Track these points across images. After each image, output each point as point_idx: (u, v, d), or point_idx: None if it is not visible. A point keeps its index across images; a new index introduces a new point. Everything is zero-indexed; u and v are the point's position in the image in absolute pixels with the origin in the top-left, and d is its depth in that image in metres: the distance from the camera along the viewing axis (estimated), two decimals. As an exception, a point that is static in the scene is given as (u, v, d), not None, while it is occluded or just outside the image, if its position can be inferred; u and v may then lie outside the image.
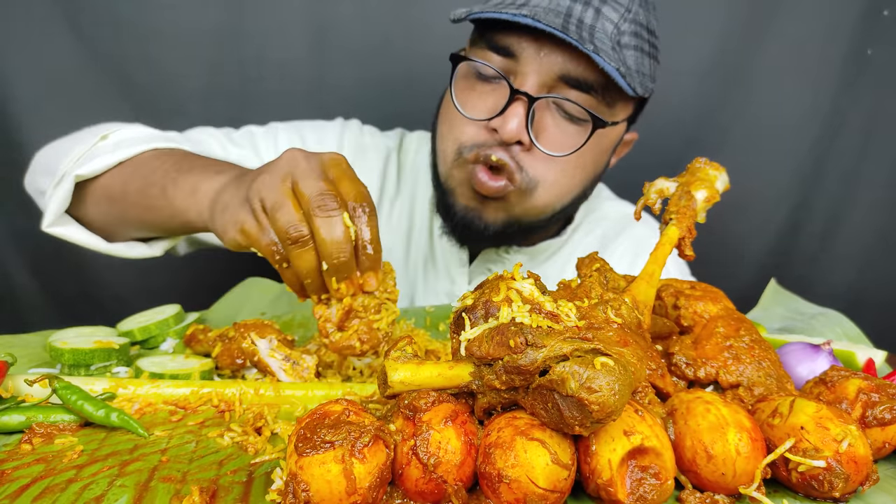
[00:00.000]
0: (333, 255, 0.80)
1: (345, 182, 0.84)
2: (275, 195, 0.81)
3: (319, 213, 0.79)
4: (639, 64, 1.14)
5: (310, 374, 0.93)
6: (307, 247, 0.81)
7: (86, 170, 1.08)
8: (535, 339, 0.59)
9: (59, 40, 1.70)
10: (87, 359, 0.91)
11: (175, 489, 0.63)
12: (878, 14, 1.84)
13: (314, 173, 0.82)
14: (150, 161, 1.08)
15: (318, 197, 0.79)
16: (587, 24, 1.08)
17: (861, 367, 0.94)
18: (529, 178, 1.17)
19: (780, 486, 0.66)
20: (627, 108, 1.21)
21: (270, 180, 0.83)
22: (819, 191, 1.97)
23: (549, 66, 1.09)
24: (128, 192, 1.08)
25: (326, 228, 0.79)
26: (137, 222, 1.11)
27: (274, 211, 0.81)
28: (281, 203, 0.81)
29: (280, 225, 0.80)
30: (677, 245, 0.83)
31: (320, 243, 0.80)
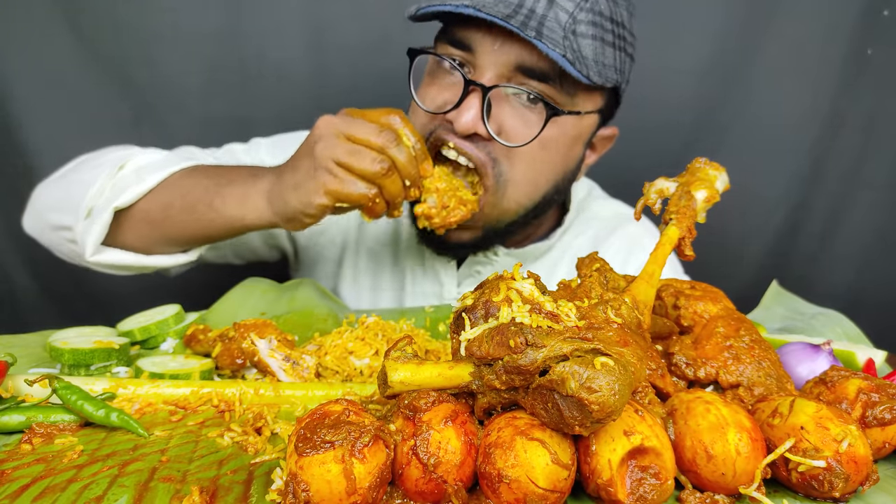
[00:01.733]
0: (412, 172, 1.00)
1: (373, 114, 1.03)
2: (342, 148, 0.97)
3: (390, 144, 0.98)
4: (598, 53, 1.11)
5: (310, 374, 0.93)
6: (394, 173, 0.98)
7: (122, 201, 1.15)
8: (535, 339, 0.59)
9: (59, 41, 1.70)
10: (87, 359, 0.91)
11: (175, 489, 0.63)
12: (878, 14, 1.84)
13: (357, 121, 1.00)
14: (183, 181, 1.17)
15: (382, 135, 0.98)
16: (538, 13, 1.07)
17: (861, 367, 0.94)
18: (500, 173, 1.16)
19: (780, 486, 0.66)
20: (594, 99, 1.19)
21: (327, 143, 0.99)
22: (819, 191, 1.97)
23: (504, 58, 1.10)
24: (170, 213, 1.16)
25: (401, 154, 0.98)
26: (182, 238, 1.20)
27: (354, 159, 0.97)
28: (354, 150, 0.97)
29: (367, 166, 0.96)
30: (677, 245, 0.83)
31: (401, 166, 0.99)
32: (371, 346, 1.00)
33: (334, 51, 1.82)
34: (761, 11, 1.83)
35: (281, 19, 1.77)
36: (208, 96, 1.79)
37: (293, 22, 1.78)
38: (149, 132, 1.79)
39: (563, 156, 1.21)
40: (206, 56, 1.77)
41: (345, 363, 0.97)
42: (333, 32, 1.80)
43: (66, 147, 1.76)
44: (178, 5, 1.72)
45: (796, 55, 1.85)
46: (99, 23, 1.71)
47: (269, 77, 1.81)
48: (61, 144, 1.76)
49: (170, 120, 1.79)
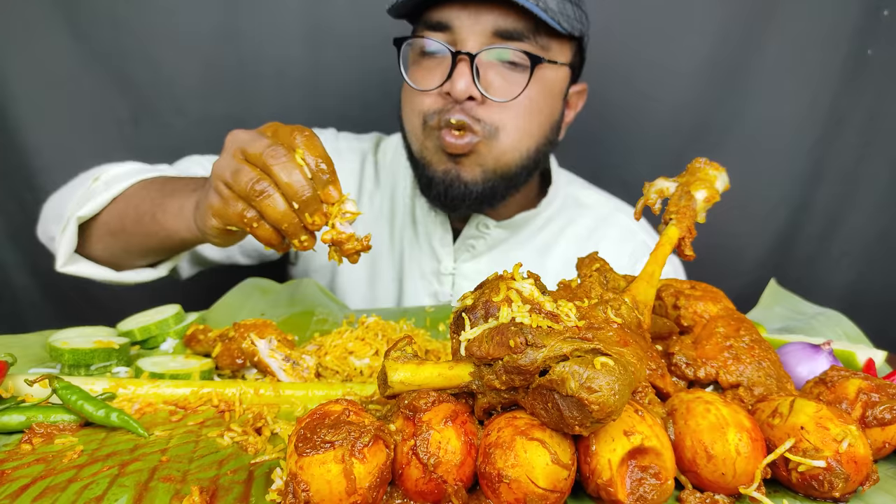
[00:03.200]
0: (299, 193, 0.87)
1: (281, 131, 0.92)
2: (230, 166, 0.89)
3: (273, 161, 0.86)
4: (561, 7, 1.23)
5: (310, 374, 0.93)
6: (273, 194, 0.87)
7: (84, 211, 1.18)
8: (535, 339, 0.59)
9: (58, 40, 1.70)
10: (87, 359, 0.91)
11: (175, 489, 0.63)
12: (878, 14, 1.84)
13: (254, 136, 0.91)
14: (138, 192, 1.18)
15: (267, 150, 0.87)
16: None
17: (861, 367, 0.94)
18: (489, 126, 1.25)
19: (780, 486, 0.66)
20: (564, 51, 1.31)
21: (222, 160, 0.92)
22: (819, 191, 1.97)
23: (482, 26, 1.21)
24: (125, 224, 1.17)
25: (285, 172, 0.86)
26: (141, 250, 1.21)
27: (234, 178, 0.88)
28: (237, 169, 0.89)
29: (242, 186, 0.87)
30: (677, 245, 0.83)
31: (285, 187, 0.86)
32: (371, 346, 1.01)
33: (333, 50, 1.82)
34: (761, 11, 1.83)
35: (280, 19, 1.78)
36: (208, 96, 1.79)
37: (292, 21, 1.78)
38: (148, 132, 1.79)
39: (549, 107, 1.33)
40: (205, 55, 1.77)
41: (345, 363, 0.97)
42: (332, 32, 1.80)
43: (66, 147, 1.76)
44: (177, 5, 1.73)
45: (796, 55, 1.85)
46: (98, 23, 1.71)
47: (268, 76, 1.81)
48: (61, 144, 1.76)
49: (169, 120, 1.79)
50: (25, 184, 1.77)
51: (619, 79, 1.87)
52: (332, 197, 0.89)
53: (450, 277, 1.47)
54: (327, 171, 0.89)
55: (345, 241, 0.88)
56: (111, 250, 1.22)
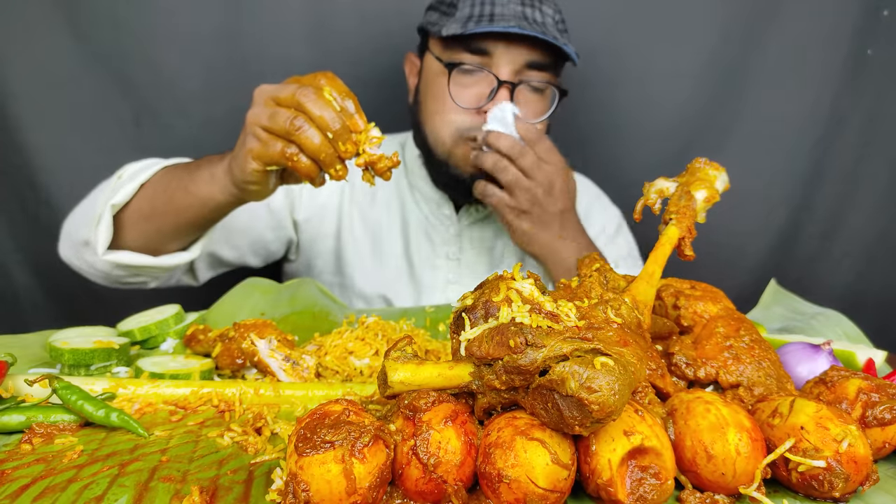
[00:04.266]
0: (331, 124, 0.97)
1: (304, 78, 1.02)
2: (265, 112, 1.00)
3: (305, 100, 0.97)
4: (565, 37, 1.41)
5: (310, 374, 0.93)
6: (309, 128, 0.97)
7: (116, 199, 1.23)
8: (535, 339, 0.59)
9: (58, 41, 1.70)
10: (87, 359, 0.91)
11: (175, 489, 0.63)
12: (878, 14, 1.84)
13: (281, 85, 1.01)
14: (165, 176, 1.25)
15: (298, 91, 0.98)
16: (539, 21, 1.37)
17: (861, 367, 0.94)
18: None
19: (780, 486, 0.66)
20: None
21: (255, 109, 1.02)
22: (819, 191, 1.97)
23: (518, 58, 1.36)
24: (156, 205, 1.23)
25: (317, 107, 0.97)
26: (174, 229, 1.25)
27: (271, 120, 0.98)
28: (272, 112, 0.99)
29: (281, 124, 0.97)
30: (677, 245, 0.83)
31: (318, 120, 0.97)
32: (371, 346, 1.01)
33: (335, 51, 1.82)
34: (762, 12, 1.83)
35: (281, 19, 1.77)
36: (209, 97, 1.79)
37: (294, 22, 1.78)
38: (149, 132, 1.79)
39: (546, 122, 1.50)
40: (206, 56, 1.77)
41: (345, 363, 0.97)
42: (334, 32, 1.80)
43: (67, 147, 1.76)
44: (178, 6, 1.72)
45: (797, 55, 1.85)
46: (99, 23, 1.71)
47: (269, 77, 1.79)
48: (61, 144, 1.76)
49: (170, 120, 1.79)
50: (27, 184, 1.77)
51: (620, 79, 1.87)
52: (359, 126, 1.00)
53: (456, 239, 1.58)
54: (352, 104, 1.00)
55: (377, 161, 0.99)
56: (146, 235, 1.27)
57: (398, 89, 1.65)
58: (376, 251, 1.60)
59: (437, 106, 1.44)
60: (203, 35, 1.75)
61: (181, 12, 1.73)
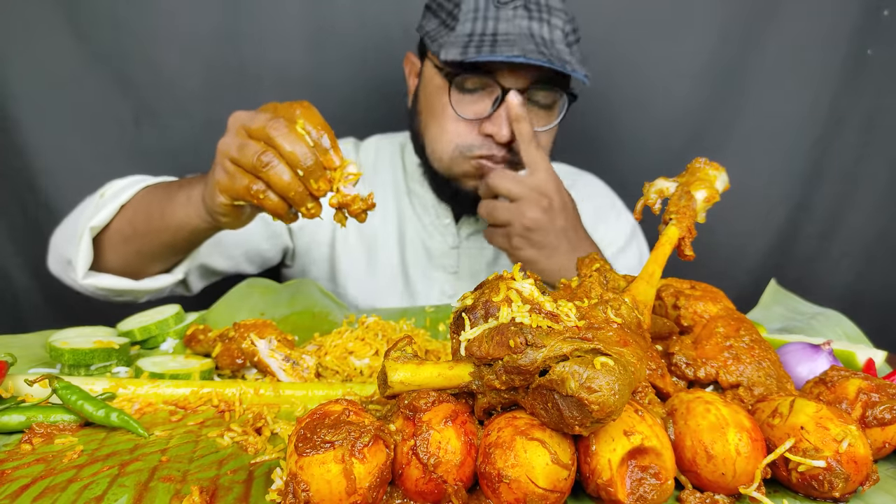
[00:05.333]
0: (302, 161, 0.91)
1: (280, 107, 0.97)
2: (234, 143, 0.95)
3: (275, 133, 0.91)
4: (579, 54, 1.35)
5: (310, 374, 0.93)
6: (278, 164, 0.92)
7: (95, 221, 1.20)
8: (535, 339, 0.59)
9: (59, 41, 1.70)
10: (87, 359, 0.91)
11: (175, 489, 0.63)
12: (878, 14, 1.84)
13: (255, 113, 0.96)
14: (145, 196, 1.22)
15: (269, 123, 0.92)
16: (548, 38, 1.27)
17: (861, 367, 0.94)
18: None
19: (780, 486, 0.66)
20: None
21: (226, 139, 0.97)
22: (819, 191, 1.97)
23: (523, 77, 1.29)
24: (136, 227, 1.20)
25: (287, 142, 0.91)
26: (154, 251, 1.23)
27: (239, 152, 0.93)
28: (241, 144, 0.94)
29: (248, 158, 0.92)
30: (677, 245, 0.83)
31: (288, 156, 0.91)
32: (371, 346, 1.01)
33: (334, 53, 1.82)
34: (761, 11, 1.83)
35: (280, 21, 1.77)
36: (209, 98, 1.79)
37: (292, 24, 1.78)
38: (149, 133, 1.79)
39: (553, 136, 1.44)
40: (206, 57, 1.77)
41: (345, 363, 0.97)
42: (333, 35, 1.80)
43: (67, 148, 1.76)
44: (178, 7, 1.72)
45: (796, 55, 1.85)
46: (99, 24, 1.71)
47: (269, 79, 1.81)
48: (62, 146, 1.76)
49: (170, 121, 1.79)
50: (26, 185, 1.77)
51: (620, 79, 1.87)
52: (334, 162, 0.93)
53: (455, 252, 1.54)
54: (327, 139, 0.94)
55: (351, 203, 0.93)
56: (126, 258, 1.24)
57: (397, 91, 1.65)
58: (371, 260, 1.57)
59: (436, 119, 1.37)
60: (203, 36, 1.75)
61: (181, 13, 1.73)
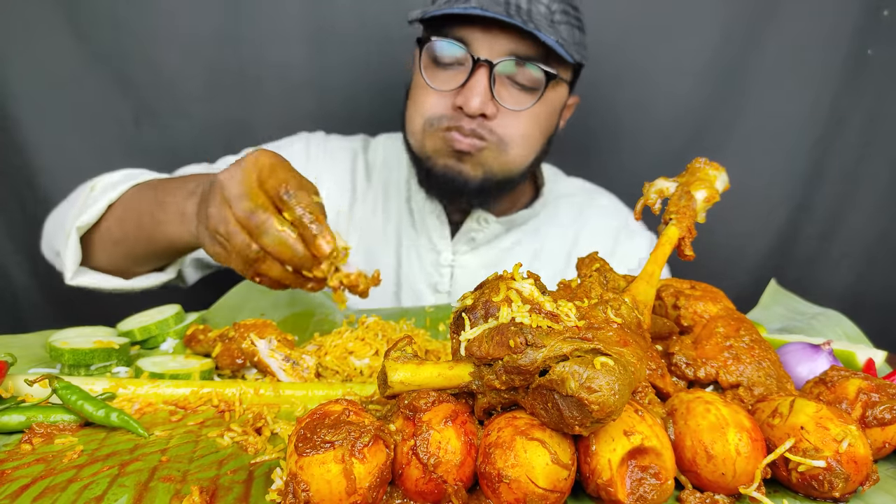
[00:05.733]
0: (288, 258, 0.89)
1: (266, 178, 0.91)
2: (223, 227, 0.90)
3: (257, 231, 0.88)
4: (571, 36, 1.29)
5: (310, 374, 0.93)
6: (266, 258, 0.90)
7: (82, 221, 1.18)
8: (535, 339, 0.59)
9: (59, 41, 1.70)
10: (87, 359, 0.91)
11: (175, 489, 0.63)
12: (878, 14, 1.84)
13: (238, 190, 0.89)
14: (135, 195, 1.18)
15: (246, 219, 0.88)
16: (524, 8, 1.22)
17: (861, 367, 0.94)
18: (499, 138, 1.29)
19: (780, 486, 0.66)
20: (567, 73, 1.35)
21: (215, 213, 0.92)
22: (819, 191, 1.97)
23: (498, 48, 1.24)
24: (126, 230, 1.18)
25: (270, 240, 0.88)
26: (144, 255, 1.21)
27: (229, 239, 0.90)
28: (229, 233, 0.90)
29: (238, 252, 0.90)
30: (677, 245, 0.83)
31: (273, 254, 0.89)
32: (371, 346, 1.00)
33: (334, 53, 1.82)
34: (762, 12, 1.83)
35: (281, 21, 1.77)
36: (209, 97, 1.79)
37: (293, 25, 1.78)
38: (149, 133, 1.79)
39: (549, 122, 1.38)
40: (206, 57, 1.77)
41: (345, 363, 0.97)
42: (333, 35, 1.80)
43: (67, 148, 1.76)
44: (178, 7, 1.72)
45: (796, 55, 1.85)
46: (99, 24, 1.71)
47: (269, 79, 1.81)
48: (61, 145, 1.76)
49: (170, 122, 1.79)
50: (26, 184, 1.77)
51: (621, 79, 1.87)
52: (324, 250, 0.89)
53: (448, 269, 1.49)
54: (316, 222, 0.89)
55: (355, 284, 0.93)
56: (116, 259, 1.23)
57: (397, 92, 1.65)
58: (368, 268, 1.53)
59: (412, 95, 1.35)
60: (203, 36, 1.75)
61: (181, 13, 1.73)
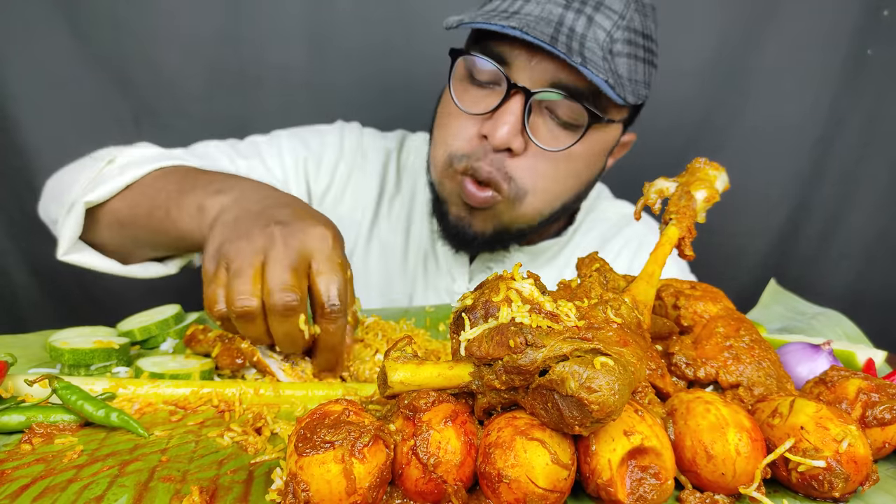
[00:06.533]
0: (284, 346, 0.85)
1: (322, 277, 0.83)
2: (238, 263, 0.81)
3: (277, 308, 0.80)
4: (631, 72, 1.13)
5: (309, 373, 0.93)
6: (254, 321, 0.82)
7: (94, 196, 1.08)
8: (535, 339, 0.59)
9: (59, 41, 1.70)
10: (87, 359, 0.91)
11: (175, 489, 0.63)
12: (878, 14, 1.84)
13: (286, 260, 0.81)
14: (155, 182, 1.08)
15: (279, 293, 0.79)
16: (578, 32, 1.07)
17: (861, 367, 0.94)
18: (518, 188, 1.17)
19: (780, 486, 0.66)
20: (621, 112, 1.21)
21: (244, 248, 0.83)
22: (819, 191, 1.97)
23: (540, 74, 1.09)
24: (136, 215, 1.08)
25: (279, 325, 0.82)
26: (150, 244, 1.14)
27: (233, 277, 0.81)
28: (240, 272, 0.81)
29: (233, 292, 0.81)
30: (677, 245, 0.83)
31: (273, 332, 0.83)
32: (371, 346, 1.00)
33: (335, 54, 1.82)
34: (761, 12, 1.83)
35: (281, 22, 1.78)
36: (209, 98, 1.79)
37: (293, 25, 1.78)
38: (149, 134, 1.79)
39: (588, 167, 1.23)
40: (206, 58, 1.77)
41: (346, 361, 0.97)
42: (334, 36, 1.80)
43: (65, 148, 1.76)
44: (178, 8, 1.73)
45: (796, 55, 1.85)
46: (99, 23, 1.71)
47: (269, 79, 1.81)
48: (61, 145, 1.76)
49: (170, 122, 1.79)
50: (26, 184, 1.77)
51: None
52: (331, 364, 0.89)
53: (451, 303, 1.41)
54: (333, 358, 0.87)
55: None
56: (119, 240, 1.15)
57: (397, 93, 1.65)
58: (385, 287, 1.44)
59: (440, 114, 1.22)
60: (203, 36, 1.75)
61: (181, 14, 1.73)
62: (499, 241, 1.28)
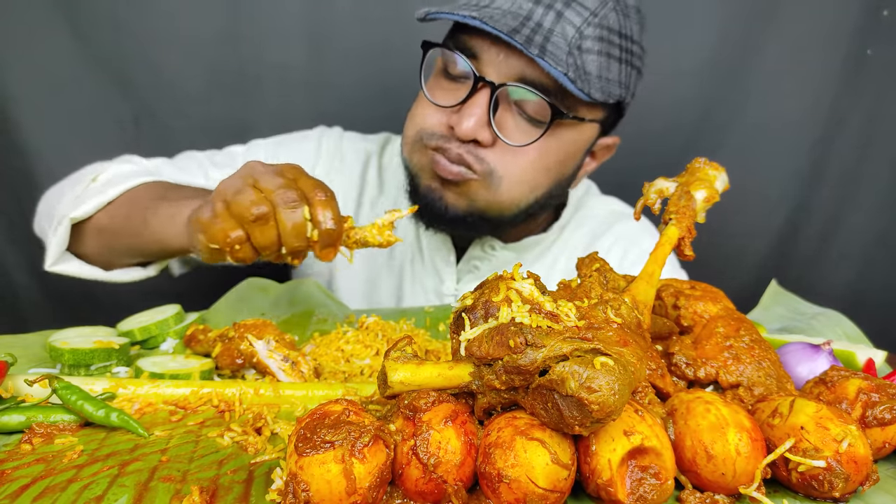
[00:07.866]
0: (293, 242, 0.89)
1: (302, 178, 0.92)
2: (235, 186, 0.90)
3: (282, 203, 0.88)
4: (602, 69, 1.13)
5: (308, 374, 0.93)
6: (270, 223, 0.88)
7: (78, 213, 1.16)
8: (535, 339, 0.59)
9: (59, 42, 1.70)
10: (87, 359, 0.91)
11: (175, 489, 0.63)
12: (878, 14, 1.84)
13: (271, 172, 0.91)
14: (134, 195, 1.17)
15: (280, 190, 0.88)
16: (545, 27, 1.08)
17: (861, 367, 0.94)
18: (491, 170, 1.17)
19: (780, 486, 0.66)
20: (594, 112, 1.21)
21: (230, 180, 0.92)
22: (819, 191, 1.97)
23: (507, 69, 1.11)
24: (115, 224, 1.17)
25: (289, 217, 0.88)
26: (128, 251, 1.20)
27: (235, 196, 0.89)
28: (241, 189, 0.89)
29: (242, 206, 0.88)
30: (677, 245, 0.83)
31: (283, 231, 0.88)
32: (371, 346, 1.00)
33: (335, 54, 1.82)
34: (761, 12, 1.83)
35: (281, 22, 1.78)
36: (209, 99, 1.79)
37: (293, 26, 1.78)
38: (149, 134, 1.79)
39: (560, 164, 1.24)
40: (206, 59, 1.77)
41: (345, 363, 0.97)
42: (334, 36, 1.80)
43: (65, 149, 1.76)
44: (178, 8, 1.73)
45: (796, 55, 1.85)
46: (99, 25, 1.71)
47: (269, 80, 1.81)
48: (61, 146, 1.76)
49: (170, 122, 1.79)
50: (26, 185, 1.77)
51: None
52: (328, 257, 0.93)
53: (451, 299, 1.41)
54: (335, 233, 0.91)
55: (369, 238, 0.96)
56: (100, 249, 1.22)
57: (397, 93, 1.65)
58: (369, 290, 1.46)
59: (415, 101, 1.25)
60: (203, 37, 1.75)
61: (181, 15, 1.73)
62: (474, 226, 1.27)
